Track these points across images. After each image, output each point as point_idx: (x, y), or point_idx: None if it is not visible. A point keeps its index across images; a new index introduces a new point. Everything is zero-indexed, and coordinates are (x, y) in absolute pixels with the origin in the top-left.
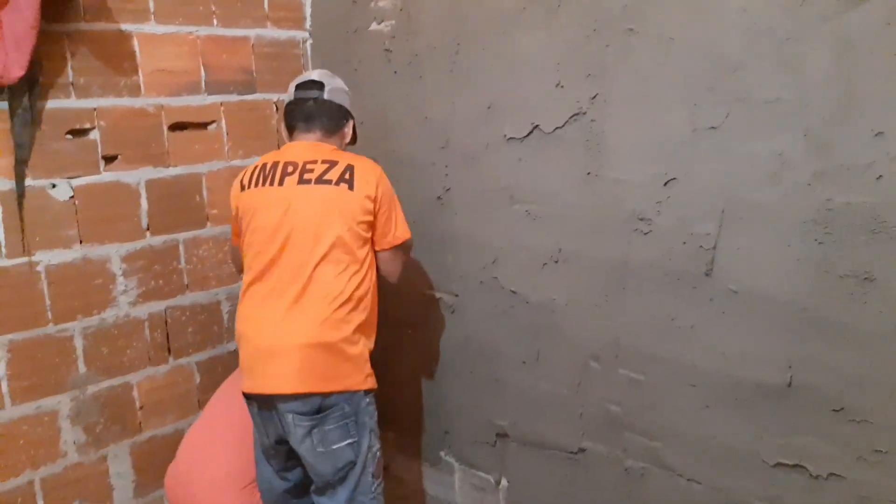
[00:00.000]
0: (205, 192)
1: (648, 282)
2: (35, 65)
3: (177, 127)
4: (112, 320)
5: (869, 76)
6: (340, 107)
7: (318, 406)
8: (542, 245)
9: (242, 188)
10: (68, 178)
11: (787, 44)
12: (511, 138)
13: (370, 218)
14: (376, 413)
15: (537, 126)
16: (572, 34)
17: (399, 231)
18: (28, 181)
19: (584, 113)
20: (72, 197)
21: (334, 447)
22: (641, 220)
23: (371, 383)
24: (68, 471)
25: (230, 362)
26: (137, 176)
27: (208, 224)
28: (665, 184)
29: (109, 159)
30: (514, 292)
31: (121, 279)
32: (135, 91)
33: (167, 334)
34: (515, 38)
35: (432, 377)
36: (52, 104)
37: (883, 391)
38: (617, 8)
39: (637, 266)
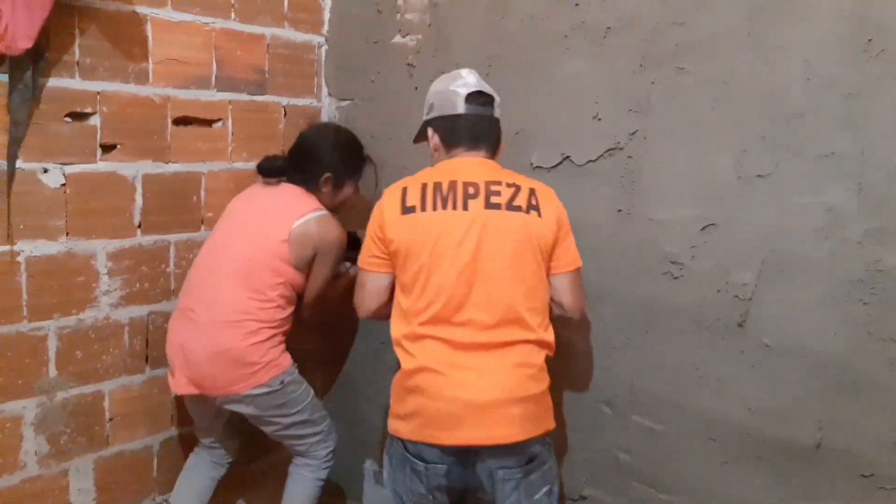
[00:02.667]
0: (203, 193)
1: (675, 328)
2: (43, 38)
3: (181, 121)
4: (90, 322)
5: None
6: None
7: (529, 454)
8: None
9: (406, 210)
10: (62, 163)
11: (851, 98)
12: (538, 167)
13: (553, 245)
14: None
15: (568, 157)
16: (617, 67)
17: (576, 252)
18: (19, 163)
19: (622, 148)
20: (63, 185)
21: (535, 497)
22: (674, 263)
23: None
24: (25, 484)
25: None
26: (135, 169)
27: (203, 227)
28: (703, 228)
29: (107, 148)
30: None
31: (105, 278)
32: (142, 78)
33: (147, 342)
34: (554, 65)
35: None
36: (54, 82)
37: None
38: (669, 45)
39: (664, 310)
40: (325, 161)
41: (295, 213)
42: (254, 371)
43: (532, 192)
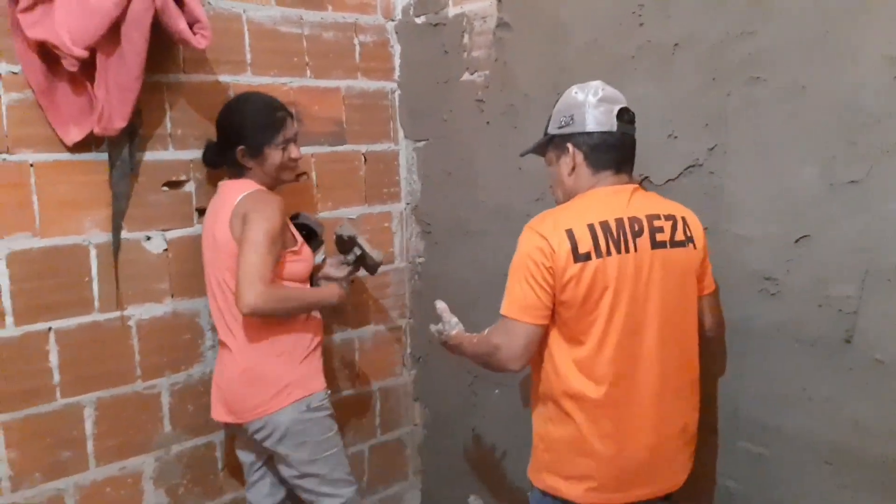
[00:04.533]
0: None
1: (775, 347)
2: (135, 116)
3: None
4: (198, 376)
5: None
6: None
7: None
8: None
9: (580, 258)
10: (163, 230)
11: None
12: None
13: (701, 269)
14: None
15: (647, 178)
16: (688, 83)
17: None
18: (123, 233)
19: (701, 165)
20: (165, 249)
21: None
22: (768, 279)
23: None
24: None
25: None
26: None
27: None
28: (796, 241)
29: (203, 211)
30: None
31: (209, 333)
32: None
33: None
34: (623, 87)
35: None
36: (149, 156)
37: None
38: (739, 56)
39: (762, 329)
40: (232, 134)
41: (228, 206)
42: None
43: (684, 221)
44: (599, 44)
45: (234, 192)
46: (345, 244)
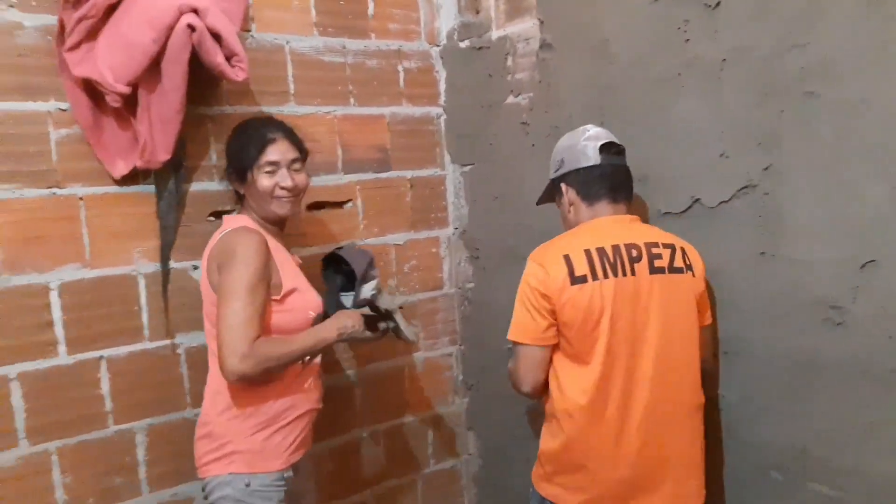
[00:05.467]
0: None
1: (844, 381)
2: (180, 148)
3: (314, 207)
4: None
5: None
6: None
7: None
8: None
9: (576, 280)
10: None
11: None
12: (667, 213)
13: (700, 301)
14: None
15: (698, 200)
16: (738, 100)
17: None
18: (171, 263)
19: (755, 185)
20: None
21: None
22: (833, 308)
23: None
24: None
25: (363, 448)
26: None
27: None
28: (862, 267)
29: None
30: None
31: None
32: None
33: None
34: (670, 107)
35: None
36: (195, 186)
37: None
38: (793, 70)
39: (828, 362)
40: (227, 157)
41: (209, 247)
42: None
43: (683, 251)
44: (644, 62)
45: (220, 230)
46: (380, 315)
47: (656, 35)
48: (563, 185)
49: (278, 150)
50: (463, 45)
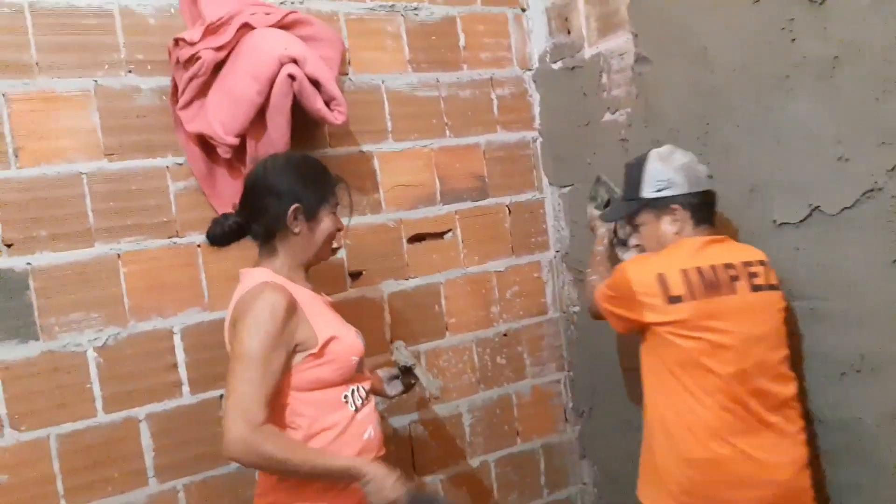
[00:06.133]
0: (443, 302)
1: None
2: None
3: (415, 239)
4: None
5: None
6: None
7: None
8: (838, 350)
9: (672, 300)
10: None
11: None
12: (783, 223)
13: None
14: None
15: (817, 207)
16: (855, 97)
17: None
18: None
19: (881, 189)
20: None
21: None
22: None
23: None
24: None
25: (474, 478)
26: (380, 290)
27: (447, 334)
28: None
29: (355, 275)
30: None
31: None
32: (376, 208)
33: (412, 449)
34: (779, 110)
35: None
36: None
37: None
38: None
39: None
40: (285, 191)
41: (231, 306)
42: None
43: (767, 263)
44: (748, 66)
45: (242, 286)
46: (402, 373)
47: (759, 37)
48: (675, 206)
49: (342, 195)
50: (556, 66)
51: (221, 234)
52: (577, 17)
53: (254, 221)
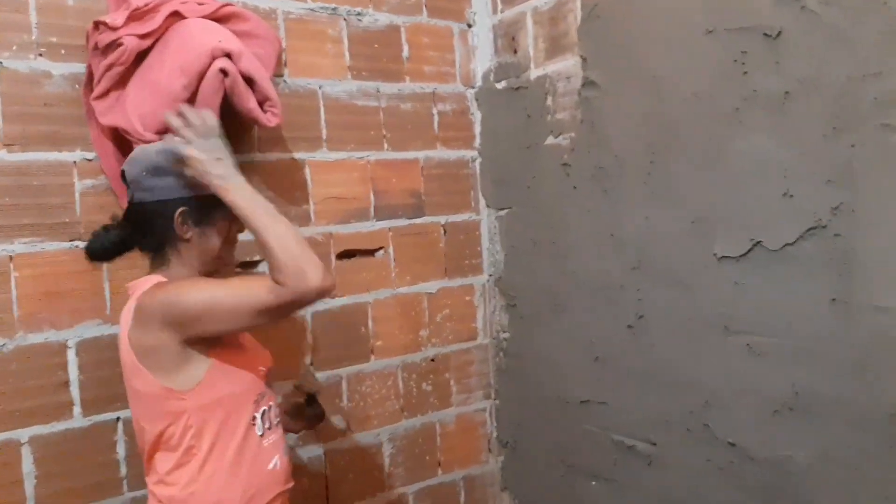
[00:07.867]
0: (370, 323)
1: None
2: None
3: (344, 255)
4: None
5: None
6: None
7: None
8: (771, 387)
9: None
10: None
11: None
12: (724, 257)
13: None
14: None
15: (759, 242)
16: (804, 134)
17: None
18: None
19: (825, 226)
20: None
21: None
22: None
23: None
24: None
25: None
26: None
27: (372, 357)
28: None
29: None
30: (732, 444)
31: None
32: (305, 220)
33: (326, 481)
34: (727, 143)
35: None
36: None
37: None
38: (865, 101)
39: None
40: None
41: (125, 322)
42: None
43: None
44: (699, 97)
45: (136, 294)
46: (308, 402)
47: (711, 68)
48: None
49: None
50: (500, 85)
51: (101, 251)
52: (525, 36)
53: (138, 232)
